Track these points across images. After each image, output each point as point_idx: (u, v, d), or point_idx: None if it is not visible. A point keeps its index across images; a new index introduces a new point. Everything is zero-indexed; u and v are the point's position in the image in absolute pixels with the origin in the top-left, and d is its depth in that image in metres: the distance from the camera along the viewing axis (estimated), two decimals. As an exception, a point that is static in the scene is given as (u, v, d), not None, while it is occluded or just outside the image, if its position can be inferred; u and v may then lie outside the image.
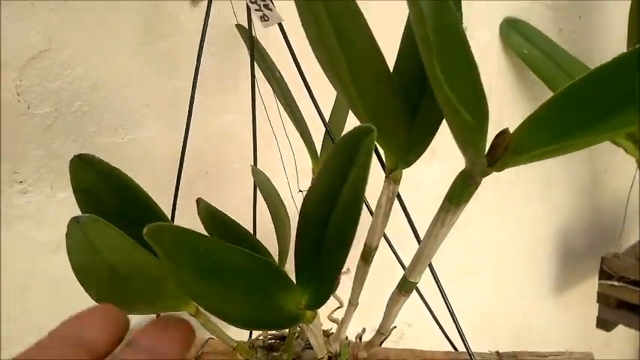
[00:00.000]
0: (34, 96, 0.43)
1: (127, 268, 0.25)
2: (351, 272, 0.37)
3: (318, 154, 0.41)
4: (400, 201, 0.35)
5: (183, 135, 0.41)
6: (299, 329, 0.40)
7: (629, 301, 0.85)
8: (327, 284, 0.24)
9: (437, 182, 0.72)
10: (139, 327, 0.20)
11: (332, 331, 0.43)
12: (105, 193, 0.27)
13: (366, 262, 0.35)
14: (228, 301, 0.23)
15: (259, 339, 0.43)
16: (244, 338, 0.44)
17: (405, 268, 0.33)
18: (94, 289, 0.25)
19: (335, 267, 0.23)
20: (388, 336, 0.40)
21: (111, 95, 0.47)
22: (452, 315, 0.37)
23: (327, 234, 0.23)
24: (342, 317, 0.40)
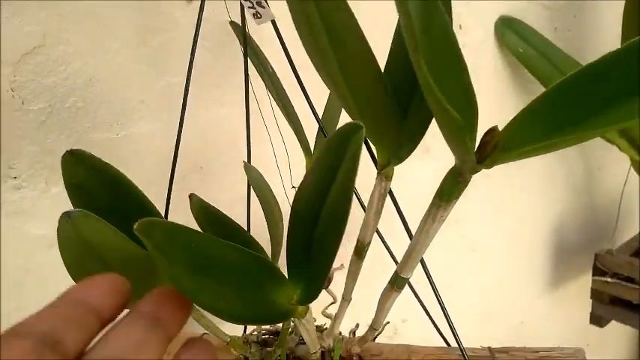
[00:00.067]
0: (28, 92, 0.43)
1: (118, 263, 0.25)
2: (345, 268, 0.37)
3: (311, 150, 0.41)
4: (392, 197, 0.35)
5: (177, 130, 0.41)
6: (293, 324, 0.40)
7: (623, 298, 0.86)
8: (318, 279, 0.24)
9: (431, 180, 0.72)
10: None
11: (326, 327, 0.43)
12: (97, 188, 0.27)
13: (359, 257, 0.35)
14: (221, 296, 0.23)
15: (253, 334, 0.43)
16: (239, 334, 0.44)
17: (397, 263, 0.33)
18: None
19: (325, 262, 0.23)
20: (381, 331, 0.40)
21: (105, 91, 0.47)
22: (443, 310, 0.38)
23: (318, 230, 0.23)
24: (336, 313, 0.40)
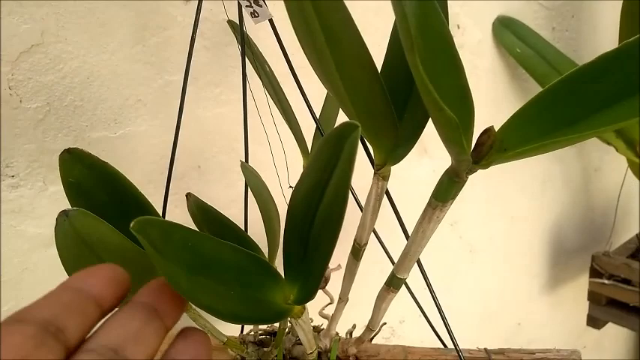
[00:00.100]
0: (26, 90, 0.43)
1: (115, 261, 0.25)
2: (342, 268, 0.37)
3: (309, 150, 0.41)
4: (389, 197, 0.35)
5: (175, 129, 0.41)
6: (290, 325, 0.40)
7: (619, 300, 0.86)
8: (314, 279, 0.24)
9: (429, 180, 0.72)
10: None
11: (323, 327, 0.43)
12: (94, 187, 0.27)
13: (356, 258, 0.35)
14: (216, 295, 0.23)
15: (250, 334, 0.43)
16: (236, 334, 0.44)
17: (394, 264, 0.33)
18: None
19: (321, 262, 0.23)
20: (378, 332, 0.40)
21: (103, 90, 0.47)
22: (439, 311, 0.38)
23: (314, 229, 0.23)
24: (333, 313, 0.40)
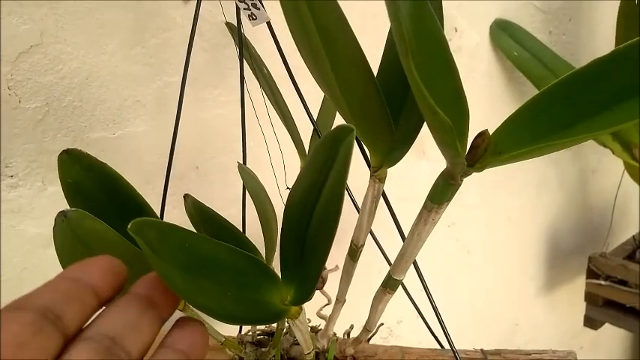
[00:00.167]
0: (25, 90, 0.43)
1: (113, 262, 0.25)
2: (339, 269, 0.37)
3: (306, 152, 0.42)
4: (385, 199, 0.35)
5: (173, 130, 0.41)
6: (287, 325, 0.40)
7: (616, 301, 0.86)
8: (310, 280, 0.25)
9: (426, 182, 0.73)
10: None
11: (320, 328, 0.44)
12: (93, 187, 0.28)
13: (353, 259, 0.35)
14: (213, 296, 0.23)
15: (248, 335, 0.43)
16: (234, 334, 0.44)
17: (391, 265, 0.33)
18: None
19: (318, 263, 0.23)
20: (375, 333, 0.40)
21: (102, 90, 0.47)
22: (436, 312, 0.38)
23: (310, 230, 0.23)
24: (330, 314, 0.40)
